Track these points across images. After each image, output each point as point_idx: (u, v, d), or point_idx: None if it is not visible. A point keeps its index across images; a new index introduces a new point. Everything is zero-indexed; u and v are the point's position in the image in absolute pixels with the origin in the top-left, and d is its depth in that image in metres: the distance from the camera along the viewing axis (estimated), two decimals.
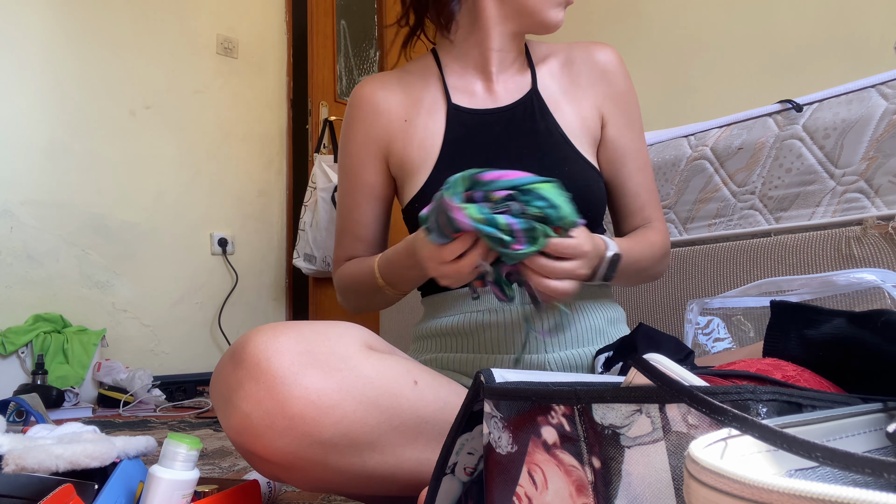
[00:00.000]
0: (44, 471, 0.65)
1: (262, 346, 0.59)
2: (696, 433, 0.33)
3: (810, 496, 0.22)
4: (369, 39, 3.50)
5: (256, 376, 0.58)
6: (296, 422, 0.58)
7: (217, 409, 0.63)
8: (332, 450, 0.60)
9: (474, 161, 0.84)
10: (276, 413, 0.57)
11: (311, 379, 0.59)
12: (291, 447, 0.59)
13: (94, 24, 2.69)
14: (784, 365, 0.51)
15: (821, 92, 1.32)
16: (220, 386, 0.62)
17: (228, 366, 0.62)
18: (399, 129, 0.91)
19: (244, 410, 0.58)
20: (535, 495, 0.41)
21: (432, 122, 0.90)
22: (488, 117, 0.90)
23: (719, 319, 1.19)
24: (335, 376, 0.60)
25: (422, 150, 0.89)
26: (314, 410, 0.58)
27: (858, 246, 1.15)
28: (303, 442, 0.58)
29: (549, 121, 0.89)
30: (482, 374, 0.48)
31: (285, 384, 0.58)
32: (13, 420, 1.44)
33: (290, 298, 3.22)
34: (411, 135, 0.90)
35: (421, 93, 0.93)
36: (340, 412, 0.59)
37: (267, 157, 3.20)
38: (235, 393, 0.59)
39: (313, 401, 0.58)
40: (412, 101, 0.92)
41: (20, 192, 2.48)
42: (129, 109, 2.78)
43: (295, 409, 0.57)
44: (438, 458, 0.51)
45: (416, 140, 0.90)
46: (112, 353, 2.60)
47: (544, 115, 0.90)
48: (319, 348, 0.61)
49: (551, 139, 0.88)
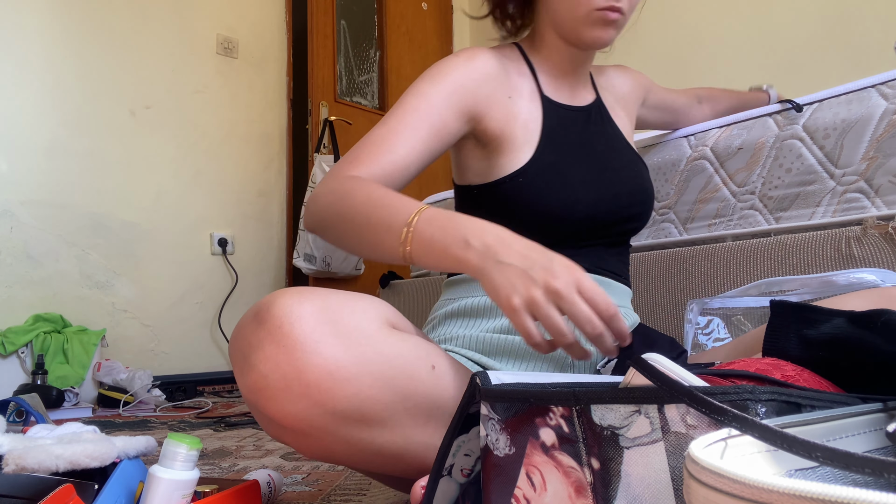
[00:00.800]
0: (44, 471, 0.65)
1: (287, 309, 0.59)
2: (695, 433, 0.33)
3: (810, 496, 0.22)
4: (369, 39, 3.50)
5: (278, 339, 0.58)
6: (311, 389, 0.58)
7: (234, 365, 0.63)
8: (344, 422, 0.60)
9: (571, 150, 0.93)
10: (292, 378, 0.58)
11: (331, 350, 0.58)
12: (304, 413, 0.59)
13: (94, 24, 2.69)
14: (783, 365, 0.51)
15: (821, 92, 1.32)
16: (240, 342, 0.62)
17: (251, 324, 0.61)
18: (502, 102, 0.92)
19: (262, 371, 0.59)
20: (534, 497, 0.41)
21: (533, 106, 0.94)
22: (572, 113, 0.97)
23: (719, 319, 1.19)
24: (355, 350, 0.60)
25: (525, 131, 0.91)
26: (330, 381, 0.58)
27: (858, 246, 1.15)
28: (316, 410, 0.59)
29: (613, 125, 1.02)
30: (478, 376, 0.47)
31: (305, 351, 0.58)
32: (13, 420, 1.44)
33: None
34: (515, 113, 0.92)
35: (519, 80, 0.96)
36: (356, 386, 0.59)
37: (267, 157, 3.20)
38: (255, 352, 0.60)
39: (331, 371, 0.58)
40: (513, 85, 0.94)
41: (20, 192, 2.48)
42: (129, 109, 2.78)
43: (312, 377, 0.58)
44: (435, 460, 0.51)
45: (521, 119, 0.92)
46: (112, 353, 2.60)
47: (609, 121, 1.02)
48: (343, 320, 0.61)
49: (620, 141, 1.00)
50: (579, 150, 0.94)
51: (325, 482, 1.05)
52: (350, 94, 3.35)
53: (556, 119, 0.95)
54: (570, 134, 0.95)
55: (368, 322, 0.62)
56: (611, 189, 0.92)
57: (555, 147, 0.92)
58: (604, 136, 0.99)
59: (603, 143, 0.97)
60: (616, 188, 0.93)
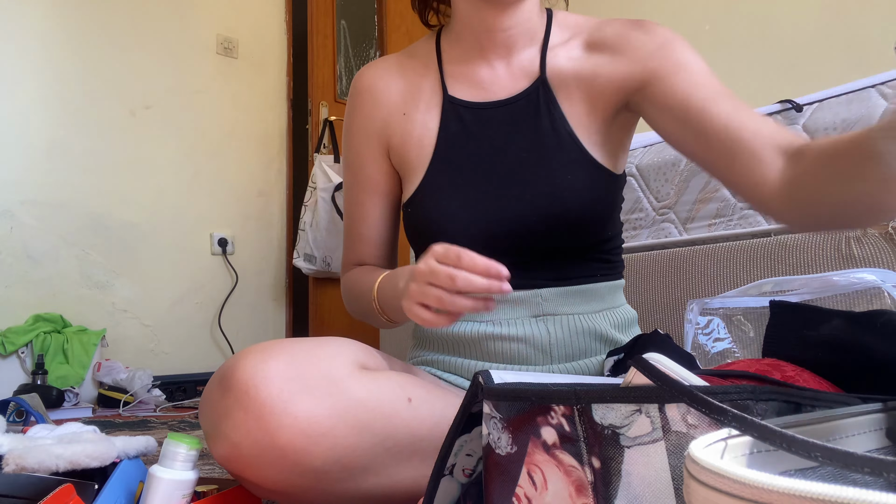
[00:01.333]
0: (44, 471, 0.65)
1: (251, 372, 0.57)
2: (695, 433, 0.33)
3: (810, 496, 0.22)
4: (369, 39, 3.50)
5: (245, 405, 0.56)
6: (286, 451, 0.56)
7: (206, 436, 0.62)
8: (325, 476, 0.59)
9: (468, 164, 0.80)
10: (265, 443, 0.56)
11: (301, 406, 0.57)
12: (282, 476, 0.58)
13: (95, 23, 2.69)
14: (783, 365, 0.51)
15: (821, 92, 1.32)
16: (209, 413, 0.61)
17: (216, 392, 0.60)
18: (398, 122, 0.84)
19: (233, 440, 0.57)
20: (535, 496, 0.41)
21: (429, 116, 0.83)
22: (487, 112, 0.81)
23: (719, 319, 1.19)
24: (326, 402, 0.58)
25: (418, 149, 0.83)
26: (304, 439, 0.56)
27: (858, 246, 1.15)
28: (294, 471, 0.57)
29: (555, 116, 0.78)
30: (481, 375, 0.48)
31: (274, 413, 0.56)
32: (13, 420, 1.44)
33: (290, 298, 3.22)
34: (409, 130, 0.83)
35: (420, 82, 0.85)
36: (332, 439, 0.57)
37: (267, 157, 3.20)
38: (224, 421, 0.58)
39: (304, 429, 0.56)
40: (411, 92, 0.85)
41: (20, 192, 2.48)
42: (129, 109, 2.78)
43: (285, 439, 0.56)
44: (437, 459, 0.51)
45: (415, 137, 0.83)
46: (112, 353, 2.60)
47: (550, 109, 0.79)
48: (310, 371, 0.59)
49: (557, 138, 0.78)
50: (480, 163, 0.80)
51: None
52: None
53: (458, 126, 0.81)
54: (474, 143, 0.81)
55: (337, 368, 0.61)
56: (510, 211, 0.77)
57: (447, 165, 0.81)
58: (529, 137, 0.79)
59: (524, 148, 0.79)
60: (519, 209, 0.77)
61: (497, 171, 0.79)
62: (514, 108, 0.80)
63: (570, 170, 0.77)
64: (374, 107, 0.86)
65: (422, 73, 0.85)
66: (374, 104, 0.86)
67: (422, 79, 0.85)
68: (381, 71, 0.87)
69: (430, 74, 0.85)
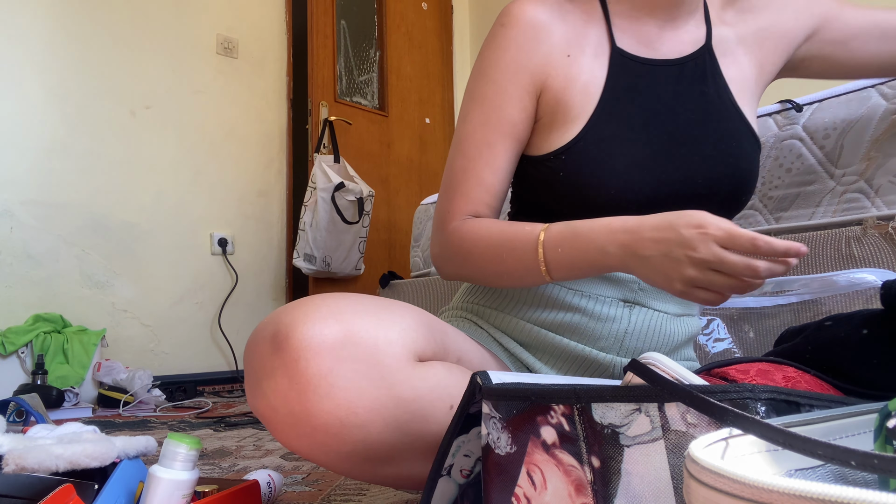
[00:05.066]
0: (44, 471, 0.65)
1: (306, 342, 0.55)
2: (695, 432, 0.33)
3: (810, 496, 0.22)
4: (369, 39, 3.50)
5: (291, 374, 0.55)
6: (318, 431, 0.56)
7: (246, 379, 0.61)
8: (348, 458, 0.59)
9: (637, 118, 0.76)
10: (301, 417, 0.56)
11: (344, 394, 0.55)
12: (308, 450, 0.58)
13: (95, 23, 2.69)
14: (784, 367, 0.51)
15: (821, 92, 1.32)
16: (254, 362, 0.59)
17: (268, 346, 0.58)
18: (561, 63, 0.78)
19: (272, 403, 0.57)
20: (534, 495, 0.41)
21: (597, 64, 0.78)
22: (656, 69, 0.79)
23: (719, 319, 1.19)
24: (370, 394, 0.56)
25: (584, 95, 0.77)
26: (339, 426, 0.56)
27: (858, 246, 1.15)
28: (321, 449, 0.58)
29: (719, 83, 0.79)
30: (478, 375, 0.48)
31: (318, 394, 0.55)
32: (13, 420, 1.44)
33: (291, 298, 3.21)
34: (575, 74, 0.77)
35: (584, 28, 0.80)
36: (365, 432, 0.57)
37: (267, 157, 3.20)
38: (267, 380, 0.57)
39: (341, 417, 0.56)
40: (575, 35, 0.79)
41: (20, 192, 2.48)
42: (129, 109, 2.78)
43: (320, 421, 0.56)
44: (434, 460, 0.51)
45: (580, 82, 0.77)
46: (112, 353, 2.60)
47: (715, 76, 0.79)
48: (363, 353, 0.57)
49: (721, 106, 0.79)
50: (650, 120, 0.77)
51: (324, 482, 1.05)
52: (350, 94, 3.34)
53: (627, 79, 0.78)
54: (642, 98, 0.77)
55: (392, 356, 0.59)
56: (679, 172, 0.75)
57: (613, 117, 0.76)
58: (696, 99, 0.78)
59: (691, 109, 0.78)
60: (688, 170, 0.76)
61: (667, 130, 0.77)
62: (682, 70, 0.79)
63: (735, 137, 0.78)
64: (534, 41, 0.78)
65: (585, 20, 0.80)
66: (535, 38, 0.78)
67: (586, 25, 0.80)
68: (543, 7, 0.80)
69: (594, 22, 0.81)
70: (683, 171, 0.75)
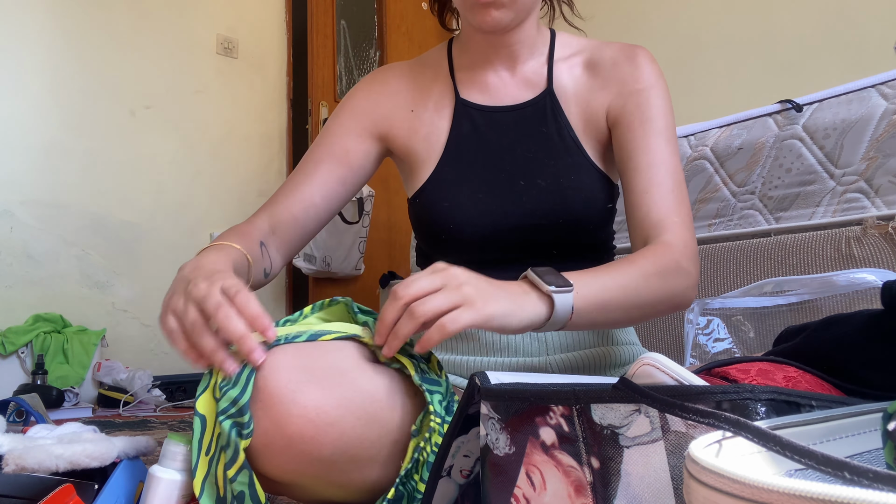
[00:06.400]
0: (44, 471, 0.65)
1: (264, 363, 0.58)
2: (694, 433, 0.33)
3: (810, 496, 0.22)
4: (369, 39, 3.50)
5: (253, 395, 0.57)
6: (294, 441, 0.56)
7: None
8: (333, 466, 0.59)
9: (478, 160, 0.84)
10: (273, 433, 0.56)
11: (309, 396, 0.57)
12: (290, 465, 0.58)
13: (94, 24, 2.69)
14: (786, 367, 0.51)
15: (821, 92, 1.32)
16: None
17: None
18: (404, 117, 0.89)
19: None
20: (534, 496, 0.41)
21: (438, 116, 0.88)
22: (497, 115, 0.86)
23: (719, 320, 1.19)
24: (334, 392, 0.58)
25: (426, 144, 0.87)
26: (312, 429, 0.56)
27: (858, 246, 1.15)
28: (302, 460, 0.57)
29: (560, 123, 0.84)
30: (477, 376, 0.47)
31: (283, 403, 0.56)
32: (13, 420, 1.44)
33: (290, 298, 3.21)
34: (416, 127, 0.88)
35: (430, 85, 0.90)
36: (339, 429, 0.57)
37: (267, 157, 3.20)
38: None
39: (312, 419, 0.56)
40: (420, 93, 0.90)
41: (20, 192, 2.48)
42: (129, 109, 2.78)
43: (293, 429, 0.56)
44: (434, 461, 0.51)
45: (422, 133, 0.88)
46: (112, 353, 2.60)
47: (556, 116, 0.85)
48: (317, 362, 0.60)
49: (561, 143, 0.84)
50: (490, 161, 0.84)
51: None
52: None
53: (469, 126, 0.86)
54: (483, 142, 0.85)
55: (344, 359, 0.61)
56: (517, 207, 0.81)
57: (457, 161, 0.85)
58: (535, 139, 0.84)
59: (530, 149, 0.84)
60: (527, 205, 0.81)
61: (505, 168, 0.84)
62: (522, 114, 0.86)
63: (574, 171, 0.83)
64: (380, 95, 0.90)
65: (432, 78, 0.91)
66: (381, 93, 0.90)
67: (432, 83, 0.90)
68: (396, 71, 0.93)
69: (440, 79, 0.90)
70: (522, 205, 0.82)
